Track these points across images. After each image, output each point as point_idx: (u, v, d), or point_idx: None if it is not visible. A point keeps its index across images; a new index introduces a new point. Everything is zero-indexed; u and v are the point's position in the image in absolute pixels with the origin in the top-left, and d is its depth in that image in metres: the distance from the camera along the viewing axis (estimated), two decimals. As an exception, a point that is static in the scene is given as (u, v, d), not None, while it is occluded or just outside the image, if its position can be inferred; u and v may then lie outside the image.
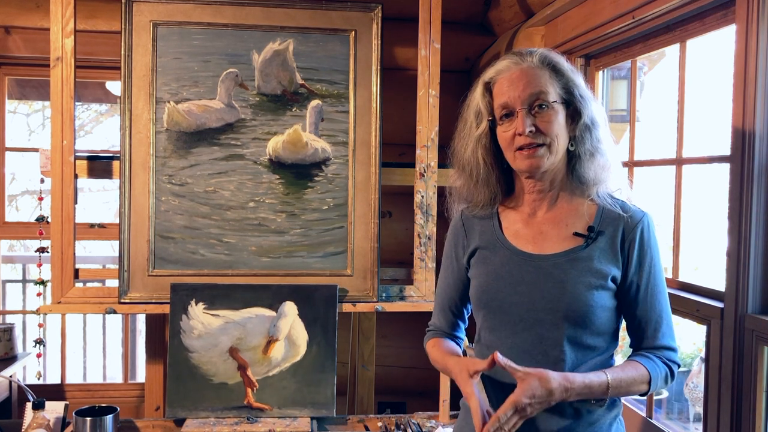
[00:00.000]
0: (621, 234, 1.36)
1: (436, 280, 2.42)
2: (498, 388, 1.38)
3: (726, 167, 1.63)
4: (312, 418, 2.24)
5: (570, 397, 1.28)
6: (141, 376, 3.53)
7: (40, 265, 2.49)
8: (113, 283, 2.42)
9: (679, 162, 1.96)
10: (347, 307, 2.35)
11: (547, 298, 1.36)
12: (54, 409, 2.17)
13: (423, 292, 2.40)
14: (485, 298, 1.45)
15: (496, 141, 1.42)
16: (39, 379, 2.97)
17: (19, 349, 3.14)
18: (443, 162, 2.44)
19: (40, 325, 2.69)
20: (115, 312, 2.30)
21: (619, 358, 1.45)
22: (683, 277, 1.95)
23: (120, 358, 4.46)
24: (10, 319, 3.83)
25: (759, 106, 1.53)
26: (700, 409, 3.08)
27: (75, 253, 2.32)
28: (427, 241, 2.40)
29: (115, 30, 2.77)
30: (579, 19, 2.28)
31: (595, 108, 1.40)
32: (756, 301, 1.56)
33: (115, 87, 3.73)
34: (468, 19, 3.13)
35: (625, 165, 2.25)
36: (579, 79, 1.40)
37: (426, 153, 2.39)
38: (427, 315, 2.65)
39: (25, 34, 3.00)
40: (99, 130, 7.73)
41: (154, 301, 2.32)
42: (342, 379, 2.62)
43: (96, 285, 3.49)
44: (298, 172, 2.37)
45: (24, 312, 3.99)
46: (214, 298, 2.27)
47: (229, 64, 2.34)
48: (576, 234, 1.38)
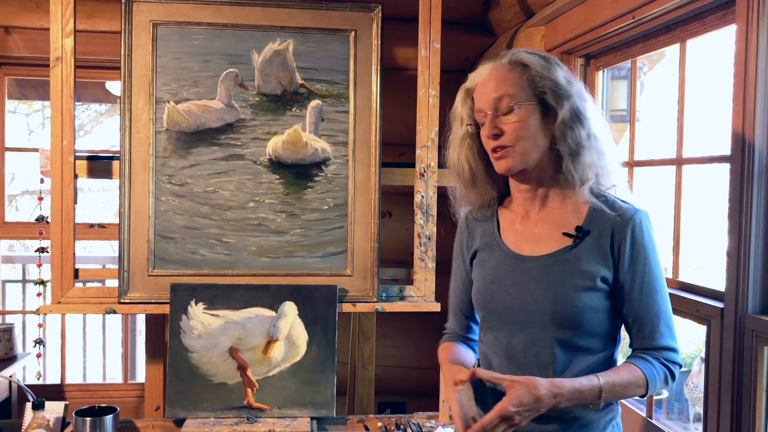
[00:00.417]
0: (611, 233, 1.33)
1: (436, 280, 2.44)
2: (496, 395, 1.36)
3: (726, 167, 1.63)
4: (312, 418, 2.24)
5: (561, 403, 1.26)
6: (141, 376, 3.52)
7: (39, 265, 2.49)
8: (113, 283, 2.41)
9: (679, 162, 1.96)
10: (347, 307, 2.35)
11: (536, 299, 1.36)
12: (54, 409, 2.17)
13: (423, 292, 2.40)
14: (482, 300, 1.46)
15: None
16: (39, 379, 2.97)
17: (19, 349, 3.14)
18: (443, 162, 2.44)
19: (40, 325, 2.69)
20: (114, 312, 2.30)
21: (618, 359, 1.45)
22: (683, 277, 1.95)
23: (120, 358, 4.46)
24: (10, 319, 3.83)
25: (759, 106, 1.53)
26: (700, 409, 3.08)
27: (75, 253, 2.31)
28: (427, 241, 2.40)
29: (115, 30, 2.77)
30: (579, 19, 2.28)
31: (577, 104, 1.36)
32: (756, 301, 1.56)
33: (115, 87, 3.73)
34: (468, 19, 3.13)
35: (625, 165, 2.25)
36: (556, 75, 1.36)
37: (426, 153, 2.39)
38: (427, 315, 2.66)
39: (25, 34, 3.00)
40: (99, 130, 7.74)
41: (154, 301, 2.32)
42: (342, 379, 2.62)
43: (96, 285, 3.49)
44: (298, 172, 2.37)
45: (24, 312, 3.99)
46: (214, 298, 2.27)
47: (229, 64, 2.34)
48: (565, 234, 1.37)
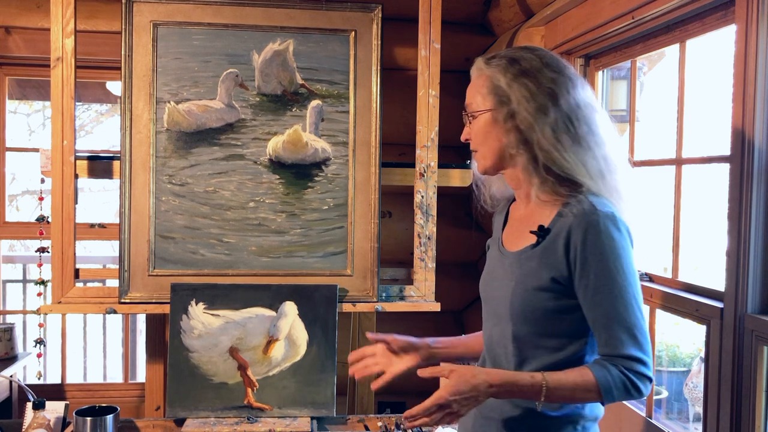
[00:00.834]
0: (567, 235, 1.31)
1: (437, 279, 2.44)
2: None
3: (726, 167, 1.63)
4: (312, 418, 2.24)
5: (499, 394, 1.27)
6: (141, 376, 3.52)
7: (40, 265, 2.49)
8: (113, 283, 2.41)
9: (678, 162, 1.96)
10: (347, 307, 2.35)
11: (504, 295, 1.39)
12: (54, 408, 2.17)
13: (423, 292, 2.40)
14: (480, 292, 1.55)
15: None
16: (39, 379, 2.98)
17: (19, 348, 3.14)
18: (443, 162, 2.44)
19: (41, 325, 2.69)
20: (115, 312, 2.30)
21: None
22: (683, 277, 1.95)
23: (120, 358, 4.47)
24: (10, 319, 3.83)
25: (759, 106, 1.53)
26: (699, 409, 3.08)
27: (75, 253, 2.32)
28: (427, 241, 2.40)
29: (116, 30, 2.77)
30: (579, 19, 2.28)
31: (531, 109, 1.33)
32: (756, 301, 1.56)
33: (115, 87, 3.73)
34: (468, 19, 3.13)
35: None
36: (512, 81, 1.34)
37: (426, 153, 2.39)
38: (427, 315, 2.66)
39: (26, 34, 3.00)
40: (99, 130, 7.74)
41: (154, 301, 2.32)
42: (342, 379, 2.62)
43: (96, 285, 3.49)
44: (298, 172, 2.37)
45: (24, 312, 3.99)
46: (214, 298, 2.27)
47: (229, 65, 2.34)
48: (531, 232, 1.38)
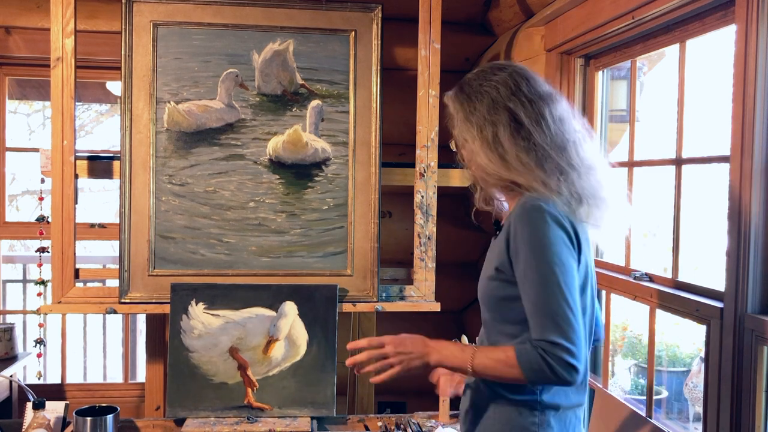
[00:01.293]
0: (507, 227, 1.41)
1: (437, 279, 2.44)
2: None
3: (726, 167, 1.64)
4: (312, 418, 2.24)
5: (442, 360, 1.41)
6: (141, 376, 3.52)
7: (40, 265, 2.49)
8: (113, 283, 2.42)
9: (678, 162, 1.96)
10: (347, 307, 2.35)
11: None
12: (54, 408, 2.17)
13: (423, 292, 2.40)
14: None
15: None
16: (39, 378, 2.98)
17: (19, 348, 3.14)
18: (443, 162, 2.44)
19: (41, 325, 2.69)
20: (115, 312, 2.30)
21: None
22: (683, 277, 1.95)
23: (120, 358, 4.47)
24: (10, 319, 3.83)
25: (759, 106, 1.53)
26: (699, 409, 3.08)
27: (75, 253, 2.32)
28: (427, 241, 2.40)
29: (116, 30, 2.77)
30: (579, 19, 2.28)
31: (463, 127, 1.46)
32: (755, 301, 1.56)
33: (115, 87, 3.73)
34: (468, 19, 3.13)
35: (624, 165, 2.25)
36: (453, 108, 1.48)
37: (426, 153, 2.39)
38: (427, 315, 2.66)
39: (26, 34, 3.00)
40: (99, 130, 7.73)
41: (154, 301, 2.32)
42: (342, 379, 2.62)
43: (96, 285, 3.49)
44: (298, 172, 2.37)
45: (24, 312, 3.99)
46: (215, 298, 2.27)
47: (229, 65, 2.34)
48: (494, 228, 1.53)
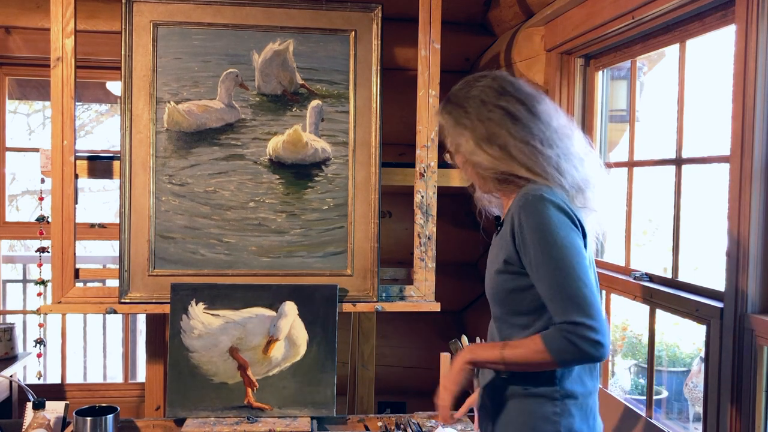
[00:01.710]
0: (511, 219, 1.43)
1: (436, 279, 2.44)
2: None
3: (726, 167, 1.64)
4: (312, 418, 2.24)
5: (475, 356, 1.43)
6: (141, 376, 3.52)
7: (40, 265, 2.50)
8: (113, 283, 2.42)
9: (678, 162, 1.96)
10: (347, 307, 2.35)
11: (486, 282, 1.56)
12: (54, 408, 2.17)
13: (423, 292, 2.40)
14: None
15: None
16: (39, 378, 2.98)
17: (19, 348, 3.14)
18: (443, 162, 2.43)
19: (41, 325, 2.69)
20: (115, 312, 2.30)
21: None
22: (683, 277, 1.95)
23: (120, 358, 4.47)
24: (10, 319, 3.83)
25: (759, 106, 1.53)
26: (699, 409, 3.08)
27: (75, 253, 2.32)
28: (427, 241, 2.40)
29: (116, 30, 2.77)
30: (579, 19, 2.28)
31: (450, 135, 1.53)
32: (756, 301, 1.56)
33: (115, 87, 3.73)
34: (468, 19, 3.13)
35: (624, 165, 2.25)
36: (440, 120, 1.55)
37: (426, 153, 2.39)
38: (427, 315, 2.66)
39: (26, 34, 3.00)
40: (99, 130, 7.73)
41: (154, 301, 2.32)
42: (342, 379, 2.62)
43: (96, 285, 3.49)
44: (298, 172, 2.37)
45: (24, 312, 3.99)
46: (215, 298, 2.27)
47: (229, 65, 2.34)
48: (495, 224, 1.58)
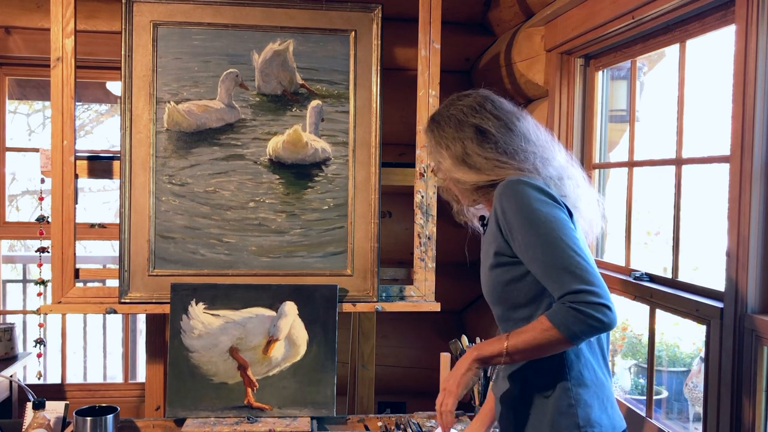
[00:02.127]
0: (494, 211, 1.42)
1: (436, 279, 2.44)
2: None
3: (726, 167, 1.63)
4: (312, 418, 2.24)
5: (480, 352, 1.37)
6: (141, 376, 3.52)
7: (40, 265, 2.50)
8: (113, 283, 2.42)
9: (678, 162, 1.96)
10: (347, 307, 2.35)
11: (482, 285, 1.54)
12: (54, 408, 2.17)
13: (423, 292, 2.40)
14: None
15: None
16: (39, 378, 2.98)
17: (19, 348, 3.15)
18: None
19: (41, 325, 2.69)
20: (115, 312, 2.30)
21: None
22: (683, 277, 1.95)
23: (120, 358, 4.47)
24: (10, 319, 3.83)
25: (759, 106, 1.53)
26: (699, 409, 3.08)
27: (75, 253, 2.32)
28: (427, 241, 2.40)
29: (116, 30, 2.77)
30: (579, 19, 2.28)
31: (435, 153, 1.54)
32: (756, 301, 1.56)
33: (115, 87, 3.73)
34: (468, 19, 3.13)
35: (624, 165, 2.25)
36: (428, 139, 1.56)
37: (426, 153, 2.39)
38: (427, 315, 2.66)
39: (26, 34, 3.00)
40: (99, 130, 7.73)
41: (154, 301, 2.32)
42: (342, 379, 2.62)
43: (96, 285, 3.49)
44: (298, 172, 2.37)
45: (24, 312, 3.99)
46: (215, 298, 2.27)
47: (229, 65, 2.34)
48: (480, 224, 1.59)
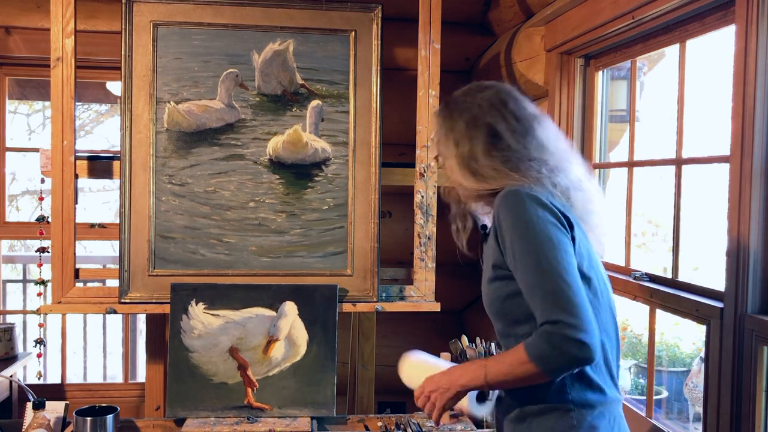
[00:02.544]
0: (493, 223, 1.38)
1: (436, 279, 2.44)
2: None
3: (726, 167, 1.64)
4: (312, 418, 2.24)
5: (463, 383, 1.37)
6: (141, 376, 3.53)
7: (40, 265, 2.50)
8: (113, 283, 2.42)
9: (678, 162, 1.96)
10: (347, 307, 2.35)
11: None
12: (54, 408, 2.17)
13: (423, 292, 2.40)
14: None
15: None
16: (39, 378, 2.98)
17: (19, 348, 3.15)
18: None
19: (41, 325, 2.69)
20: (115, 312, 2.30)
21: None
22: (683, 277, 1.95)
23: (120, 358, 4.47)
24: (10, 319, 3.83)
25: (759, 106, 1.53)
26: (699, 409, 3.08)
27: (75, 253, 2.32)
28: (427, 241, 2.40)
29: (116, 30, 2.77)
30: (579, 19, 2.28)
31: (441, 145, 1.49)
32: (756, 301, 1.56)
33: (115, 87, 3.73)
34: (468, 19, 3.13)
35: (624, 165, 2.25)
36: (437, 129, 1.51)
37: (426, 153, 2.39)
38: (427, 315, 2.66)
39: (26, 34, 3.01)
40: (99, 130, 7.73)
41: (154, 301, 2.32)
42: (342, 379, 2.62)
43: (96, 285, 3.49)
44: (298, 172, 2.37)
45: (24, 312, 3.99)
46: (215, 298, 2.27)
47: (229, 65, 2.34)
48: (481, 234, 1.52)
